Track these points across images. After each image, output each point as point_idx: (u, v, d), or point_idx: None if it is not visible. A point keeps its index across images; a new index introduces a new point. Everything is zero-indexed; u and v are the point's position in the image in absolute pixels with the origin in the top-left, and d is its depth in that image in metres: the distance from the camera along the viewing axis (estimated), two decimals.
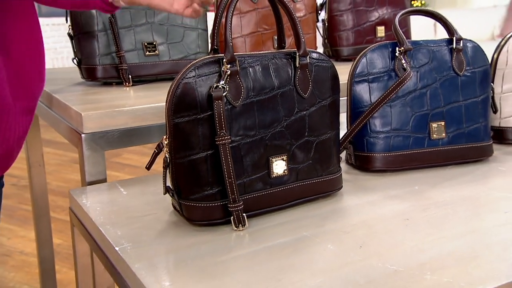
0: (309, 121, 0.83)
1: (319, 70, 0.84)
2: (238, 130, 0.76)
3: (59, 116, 1.11)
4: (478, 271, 0.63)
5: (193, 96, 0.73)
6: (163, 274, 0.64)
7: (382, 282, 0.61)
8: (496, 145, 1.12)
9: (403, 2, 1.64)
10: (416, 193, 0.90)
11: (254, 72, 0.78)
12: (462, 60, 1.00)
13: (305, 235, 0.74)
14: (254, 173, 0.78)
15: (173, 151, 0.75)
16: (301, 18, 1.44)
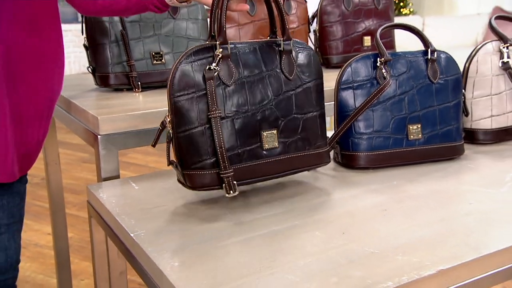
0: (296, 100, 0.88)
1: (303, 56, 0.90)
2: (232, 106, 0.81)
3: (76, 120, 1.15)
4: (442, 253, 0.69)
5: (190, 77, 0.79)
6: (173, 256, 0.69)
7: (360, 262, 0.67)
8: (467, 145, 1.16)
9: (387, 14, 1.66)
10: (394, 187, 0.94)
11: (245, 56, 0.84)
12: (436, 69, 1.05)
13: (295, 223, 0.79)
14: (248, 145, 0.83)
15: (175, 126, 0.80)
16: (294, 29, 1.47)
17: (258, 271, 0.65)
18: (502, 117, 1.15)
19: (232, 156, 0.82)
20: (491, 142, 1.16)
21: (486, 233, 0.75)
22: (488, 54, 1.14)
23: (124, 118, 1.05)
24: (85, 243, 2.35)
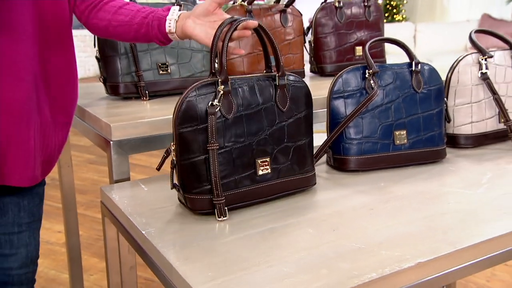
0: (288, 130, 0.91)
1: (295, 89, 0.93)
2: (230, 137, 0.85)
3: (90, 126, 1.19)
4: (422, 247, 0.74)
5: (194, 111, 0.82)
6: (180, 250, 0.74)
7: (348, 256, 0.72)
8: (450, 149, 1.20)
9: (378, 26, 1.68)
10: (381, 188, 0.99)
11: (243, 91, 0.87)
12: (420, 80, 1.09)
13: (290, 222, 0.84)
14: (244, 172, 0.87)
15: (179, 154, 0.84)
16: (290, 40, 1.49)
17: (256, 264, 0.70)
18: (481, 123, 1.20)
19: (229, 182, 0.85)
20: (472, 146, 1.20)
21: (461, 230, 0.80)
22: (468, 65, 1.18)
23: (134, 125, 1.08)
24: (93, 240, 2.39)
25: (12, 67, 0.90)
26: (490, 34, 1.26)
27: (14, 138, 0.93)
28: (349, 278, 0.66)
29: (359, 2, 1.65)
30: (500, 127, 1.22)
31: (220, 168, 0.83)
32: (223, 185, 0.84)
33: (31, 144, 0.96)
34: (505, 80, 1.22)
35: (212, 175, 0.82)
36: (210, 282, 0.66)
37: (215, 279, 0.66)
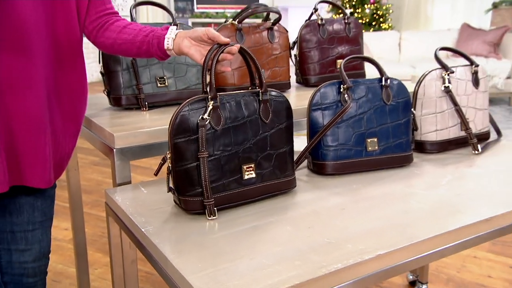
0: (270, 140, 0.98)
1: (277, 103, 0.99)
2: (219, 146, 0.91)
3: (95, 135, 1.24)
4: (382, 241, 0.81)
5: (187, 124, 0.89)
6: (175, 246, 0.81)
7: (319, 250, 0.79)
8: (417, 154, 1.27)
9: (357, 41, 1.73)
10: (353, 190, 1.05)
11: (230, 106, 0.93)
12: (389, 93, 1.16)
13: (271, 220, 0.91)
14: (231, 176, 0.93)
15: (173, 162, 0.90)
16: (277, 55, 1.55)
17: (240, 257, 0.77)
18: (445, 131, 1.27)
19: (218, 186, 0.92)
20: (436, 151, 1.28)
21: (418, 226, 0.87)
22: (433, 79, 1.25)
23: (135, 134, 1.14)
24: (97, 237, 2.44)
25: (30, 84, 0.97)
26: (453, 51, 1.33)
27: (32, 145, 1.00)
28: (318, 269, 0.74)
29: (340, 20, 1.72)
30: (461, 134, 1.29)
31: (210, 173, 0.91)
32: (212, 188, 0.91)
33: (46, 150, 1.02)
34: (465, 93, 1.29)
35: (202, 179, 0.89)
36: (200, 272, 0.73)
37: (204, 269, 0.74)
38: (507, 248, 2.16)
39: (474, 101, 1.31)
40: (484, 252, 2.13)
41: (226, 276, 0.72)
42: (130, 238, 0.96)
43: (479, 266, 2.01)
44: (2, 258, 1.14)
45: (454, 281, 1.90)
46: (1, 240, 1.12)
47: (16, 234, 1.11)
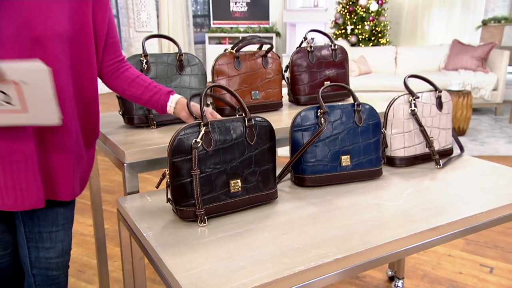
0: (255, 158, 1.04)
1: (261, 127, 1.05)
2: (210, 165, 0.98)
3: (110, 150, 1.32)
4: (342, 246, 0.88)
5: (183, 146, 0.96)
6: (169, 249, 0.88)
7: (289, 254, 0.86)
8: (388, 167, 1.33)
9: (343, 65, 1.78)
10: (327, 201, 1.11)
11: (220, 130, 1.00)
12: (361, 116, 1.21)
13: (252, 227, 0.97)
14: (220, 190, 1.00)
15: (171, 178, 0.98)
16: (270, 78, 1.61)
17: (222, 259, 0.85)
18: (412, 148, 1.33)
19: (208, 198, 0.99)
20: (405, 166, 1.33)
21: (375, 234, 0.94)
22: (401, 104, 1.31)
23: (143, 150, 1.22)
24: (117, 232, 2.52)
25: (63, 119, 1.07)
26: (421, 79, 1.39)
27: (62, 168, 1.10)
28: (284, 270, 0.81)
29: (327, 46, 1.78)
30: (426, 151, 1.35)
31: (201, 187, 0.98)
32: (203, 200, 0.99)
33: (74, 171, 1.12)
34: (430, 115, 1.35)
35: (195, 193, 0.98)
36: (187, 272, 0.81)
37: (191, 270, 0.82)
38: (480, 248, 2.21)
39: (438, 122, 1.37)
40: (458, 251, 2.17)
41: (208, 275, 0.80)
42: (135, 241, 1.04)
43: (453, 263, 2.06)
44: (31, 254, 1.23)
45: (429, 277, 1.95)
46: (31, 239, 1.21)
47: (42, 235, 1.20)
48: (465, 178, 1.26)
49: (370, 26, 6.24)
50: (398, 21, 7.27)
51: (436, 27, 7.06)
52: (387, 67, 5.68)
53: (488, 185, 1.21)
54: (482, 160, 1.41)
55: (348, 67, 1.82)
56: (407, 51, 5.73)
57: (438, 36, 7.01)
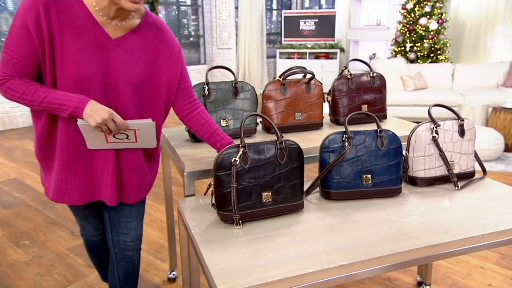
0: (284, 175, 1.12)
1: (291, 149, 1.13)
2: (246, 179, 1.08)
3: (176, 160, 1.47)
4: (348, 255, 0.94)
5: (225, 163, 1.07)
6: (209, 245, 1.00)
7: (302, 258, 0.94)
8: (409, 186, 1.33)
9: (381, 90, 1.79)
10: (346, 213, 1.16)
11: (255, 151, 1.10)
12: (383, 141, 1.25)
13: (278, 232, 1.06)
14: (253, 199, 1.10)
15: (215, 187, 1.09)
16: (312, 102, 1.68)
17: (247, 257, 0.95)
18: (432, 170, 1.33)
19: (244, 206, 1.09)
20: (425, 185, 1.34)
21: (379, 246, 0.98)
22: (423, 130, 1.32)
23: (199, 163, 1.35)
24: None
25: None
26: (445, 108, 1.39)
27: (131, 179, 1.28)
28: (295, 270, 0.89)
29: (367, 74, 1.81)
30: (446, 173, 1.34)
31: (238, 197, 1.09)
32: (239, 207, 1.10)
33: (137, 182, 1.30)
34: (452, 141, 1.35)
35: (232, 201, 1.09)
36: (218, 265, 0.92)
37: (222, 263, 0.93)
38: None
39: (459, 147, 1.36)
40: (491, 264, 2.08)
41: (233, 269, 0.90)
42: (187, 235, 1.18)
43: (484, 275, 1.98)
44: (113, 237, 1.42)
45: (457, 286, 1.90)
46: (113, 226, 1.40)
47: (121, 223, 1.39)
48: (480, 200, 1.24)
49: (429, 44, 5.98)
50: (460, 37, 6.87)
51: (500, 44, 6.57)
52: (444, 83, 5.41)
53: (500, 209, 1.18)
54: (502, 184, 1.37)
55: (386, 92, 1.83)
56: (465, 67, 5.41)
57: (502, 53, 6.52)
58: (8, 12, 5.23)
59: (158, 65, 1.23)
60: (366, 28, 7.49)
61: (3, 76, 1.13)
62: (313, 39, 8.24)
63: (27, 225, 2.68)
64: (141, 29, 1.21)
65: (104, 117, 1.10)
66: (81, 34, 1.12)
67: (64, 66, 1.12)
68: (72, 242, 2.44)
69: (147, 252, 2.31)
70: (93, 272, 2.13)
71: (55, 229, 2.61)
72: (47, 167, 1.28)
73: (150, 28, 1.23)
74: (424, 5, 5.90)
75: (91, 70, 1.13)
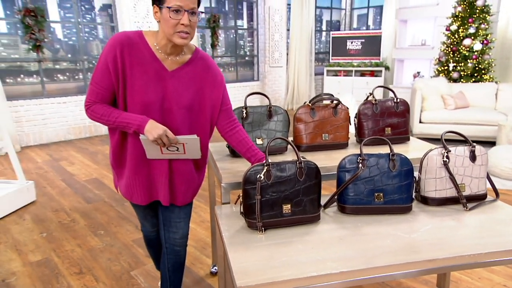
0: (302, 191, 1.21)
1: (309, 168, 1.21)
2: (269, 193, 1.18)
3: (216, 171, 1.59)
4: (350, 263, 1.00)
5: (251, 178, 1.18)
6: (235, 246, 1.10)
7: (311, 263, 1.01)
8: (421, 205, 1.35)
9: (404, 115, 1.81)
10: (357, 227, 1.21)
11: (278, 169, 1.19)
12: (395, 164, 1.29)
13: (293, 240, 1.14)
14: (275, 210, 1.19)
15: (243, 199, 1.20)
16: (338, 125, 1.74)
17: (264, 259, 1.04)
18: (443, 191, 1.35)
19: (266, 215, 1.18)
20: (436, 205, 1.35)
21: (380, 258, 1.03)
22: (434, 155, 1.34)
23: (234, 176, 1.47)
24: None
25: None
26: (458, 134, 1.40)
27: (181, 184, 1.44)
28: (301, 273, 0.98)
29: (391, 99, 1.85)
30: (456, 194, 1.36)
31: (262, 208, 1.20)
32: (263, 216, 1.20)
33: (185, 187, 1.46)
34: (462, 165, 1.36)
35: (257, 211, 1.20)
36: (240, 264, 1.03)
37: (243, 263, 1.03)
38: None
39: (470, 172, 1.36)
40: None
41: (251, 268, 1.01)
42: (219, 236, 1.31)
43: None
44: (165, 234, 1.58)
45: None
46: (165, 224, 1.55)
47: (171, 223, 1.55)
48: (485, 222, 1.25)
49: (473, 64, 5.70)
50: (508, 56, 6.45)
51: None
52: (487, 102, 5.13)
53: (504, 230, 1.18)
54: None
55: (409, 116, 1.85)
56: (509, 87, 5.10)
57: None
58: (99, 40, 5.79)
59: (204, 92, 1.39)
60: (411, 47, 7.28)
61: (89, 102, 1.35)
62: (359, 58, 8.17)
63: (103, 218, 2.98)
64: (192, 63, 1.38)
65: (159, 133, 1.28)
66: (146, 69, 1.32)
67: (132, 94, 1.32)
68: (136, 235, 2.68)
69: (195, 248, 2.48)
70: (150, 262, 2.33)
71: (124, 223, 2.88)
72: (119, 173, 1.48)
73: (198, 61, 1.40)
74: (468, 27, 5.65)
75: (152, 97, 1.32)
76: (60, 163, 4.40)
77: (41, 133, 5.21)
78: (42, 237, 2.70)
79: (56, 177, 3.95)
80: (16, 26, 4.98)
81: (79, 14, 5.35)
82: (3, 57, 4.95)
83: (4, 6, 4.86)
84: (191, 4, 1.23)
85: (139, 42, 1.32)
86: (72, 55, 5.52)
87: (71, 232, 2.77)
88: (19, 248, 2.55)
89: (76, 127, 5.50)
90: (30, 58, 5.03)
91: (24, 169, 4.18)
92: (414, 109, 4.91)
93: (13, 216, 3.05)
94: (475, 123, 4.62)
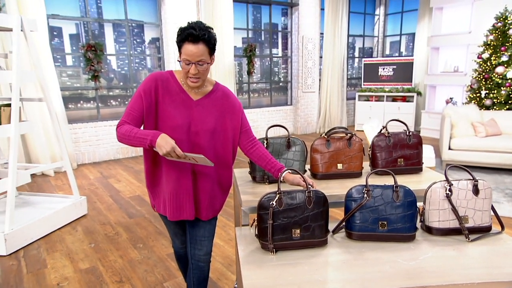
0: (311, 217, 1.29)
1: (317, 197, 1.30)
2: (280, 218, 1.27)
3: (238, 195, 1.72)
4: (353, 286, 1.07)
5: (265, 205, 1.28)
6: (248, 264, 1.20)
7: (311, 282, 1.09)
8: (426, 234, 1.39)
9: (416, 147, 1.85)
10: (360, 252, 1.27)
11: (289, 197, 1.29)
12: (398, 195, 1.34)
13: (300, 261, 1.22)
14: (285, 234, 1.28)
15: (258, 222, 1.30)
16: (352, 155, 1.81)
17: (272, 277, 1.13)
18: (446, 222, 1.38)
19: (277, 238, 1.26)
20: (439, 235, 1.38)
21: (376, 283, 1.09)
22: (438, 188, 1.38)
23: (254, 200, 1.58)
24: None
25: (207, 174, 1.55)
26: (463, 169, 1.44)
27: (204, 201, 1.59)
28: None
29: (404, 132, 1.91)
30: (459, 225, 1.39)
31: (273, 231, 1.30)
32: (274, 239, 1.30)
33: (207, 203, 1.60)
34: (465, 198, 1.39)
35: (269, 234, 1.30)
36: (251, 280, 1.13)
37: (253, 280, 1.13)
38: None
39: (473, 204, 1.39)
40: None
41: (260, 285, 1.11)
42: (236, 254, 1.42)
43: None
44: (191, 251, 1.71)
45: None
46: (192, 242, 1.69)
47: (197, 241, 1.68)
48: (485, 253, 1.26)
49: (506, 91, 5.50)
50: None
51: None
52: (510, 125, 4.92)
53: (501, 263, 1.20)
54: None
55: (422, 148, 1.90)
56: None
57: None
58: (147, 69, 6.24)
59: (225, 117, 1.57)
60: (443, 74, 7.14)
61: (123, 122, 1.53)
62: (391, 84, 8.11)
63: (142, 232, 3.18)
64: (213, 94, 1.57)
65: (168, 150, 1.39)
66: (175, 99, 1.52)
67: (164, 119, 1.52)
68: (170, 249, 2.85)
69: (222, 264, 2.59)
70: (181, 275, 2.48)
71: (160, 237, 3.06)
72: (155, 193, 1.66)
73: (219, 92, 1.59)
74: (501, 55, 5.49)
75: (180, 122, 1.51)
76: (109, 180, 4.73)
77: (94, 152, 5.64)
78: (91, 247, 2.94)
79: (105, 193, 4.26)
80: (79, 59, 5.52)
81: (131, 47, 5.82)
82: (67, 86, 5.47)
83: (71, 43, 5.43)
84: (197, 58, 1.41)
85: (170, 78, 1.54)
86: (123, 83, 5.98)
87: (114, 244, 2.99)
88: (72, 256, 2.79)
89: (124, 147, 5.88)
90: (89, 86, 5.53)
91: (78, 185, 4.54)
92: (443, 136, 4.81)
93: (67, 227, 3.34)
94: (507, 151, 4.45)
